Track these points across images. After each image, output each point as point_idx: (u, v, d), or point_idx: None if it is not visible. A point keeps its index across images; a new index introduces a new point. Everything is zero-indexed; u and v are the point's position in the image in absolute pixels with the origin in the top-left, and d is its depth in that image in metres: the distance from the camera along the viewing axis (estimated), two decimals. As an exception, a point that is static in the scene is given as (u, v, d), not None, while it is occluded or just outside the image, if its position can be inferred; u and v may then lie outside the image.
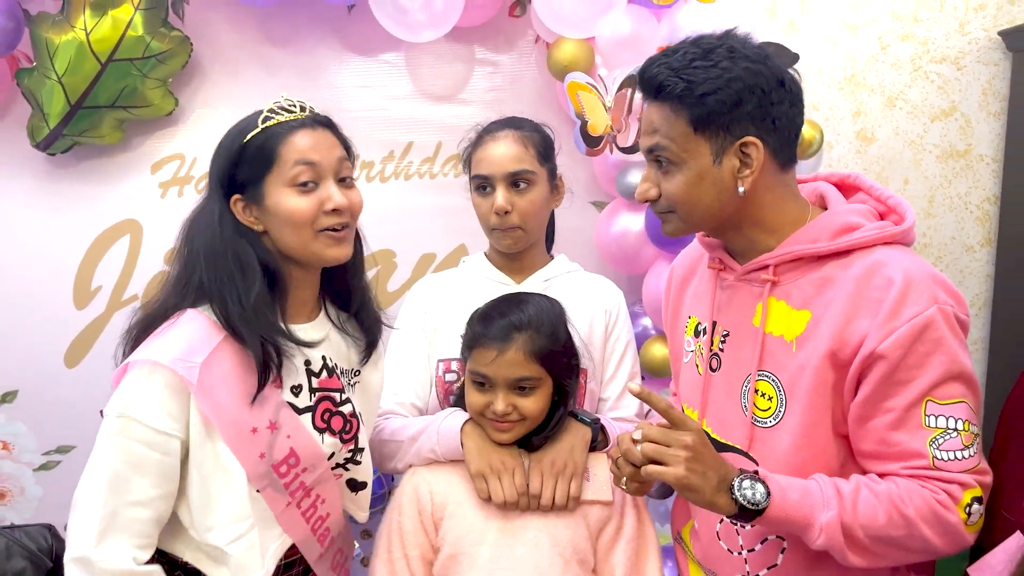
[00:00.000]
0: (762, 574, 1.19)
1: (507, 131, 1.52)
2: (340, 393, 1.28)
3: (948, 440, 1.04)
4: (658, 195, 1.16)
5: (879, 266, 1.08)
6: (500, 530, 1.30)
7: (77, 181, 2.06)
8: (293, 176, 1.18)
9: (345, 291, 1.33)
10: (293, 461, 1.20)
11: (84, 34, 1.85)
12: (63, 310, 2.07)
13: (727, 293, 1.23)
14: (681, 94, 1.10)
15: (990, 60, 2.34)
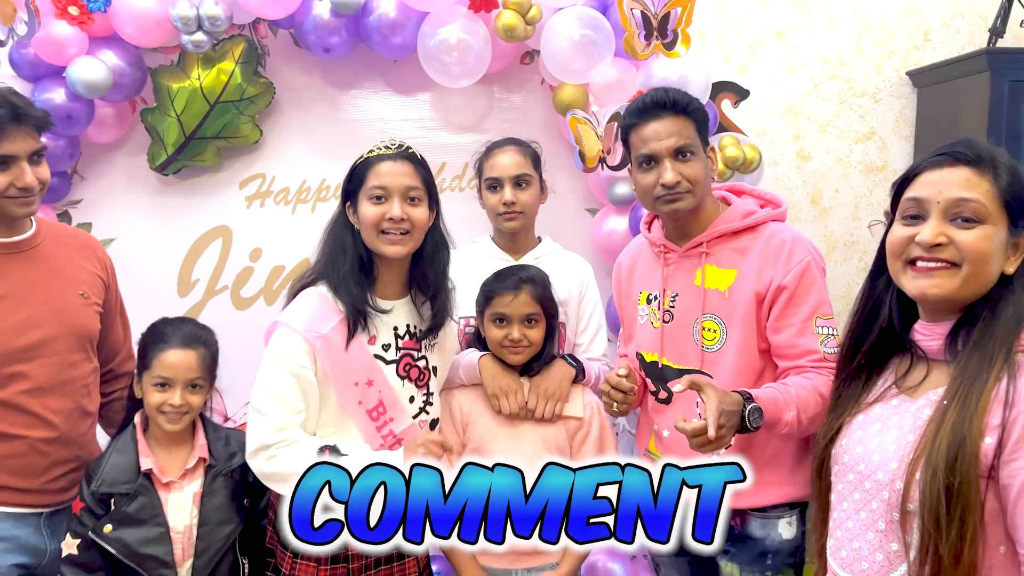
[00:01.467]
0: (723, 451, 1.60)
1: (511, 146, 2.06)
2: (418, 352, 1.74)
3: (829, 341, 1.57)
4: (682, 179, 1.62)
5: (775, 234, 1.64)
6: (507, 432, 1.82)
7: (181, 195, 2.57)
8: (371, 192, 1.67)
9: (425, 281, 1.77)
10: (381, 410, 1.66)
11: (198, 82, 2.40)
12: (169, 298, 2.55)
13: (672, 268, 1.73)
14: (691, 109, 1.63)
15: (901, 94, 2.92)
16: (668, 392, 1.71)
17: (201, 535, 1.67)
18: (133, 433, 1.74)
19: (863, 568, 1.20)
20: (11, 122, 1.62)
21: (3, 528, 1.71)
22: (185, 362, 1.71)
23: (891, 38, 2.89)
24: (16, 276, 1.72)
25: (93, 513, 1.64)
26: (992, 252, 1.14)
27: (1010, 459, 1.06)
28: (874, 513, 1.18)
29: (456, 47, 2.27)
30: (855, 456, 1.23)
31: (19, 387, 1.70)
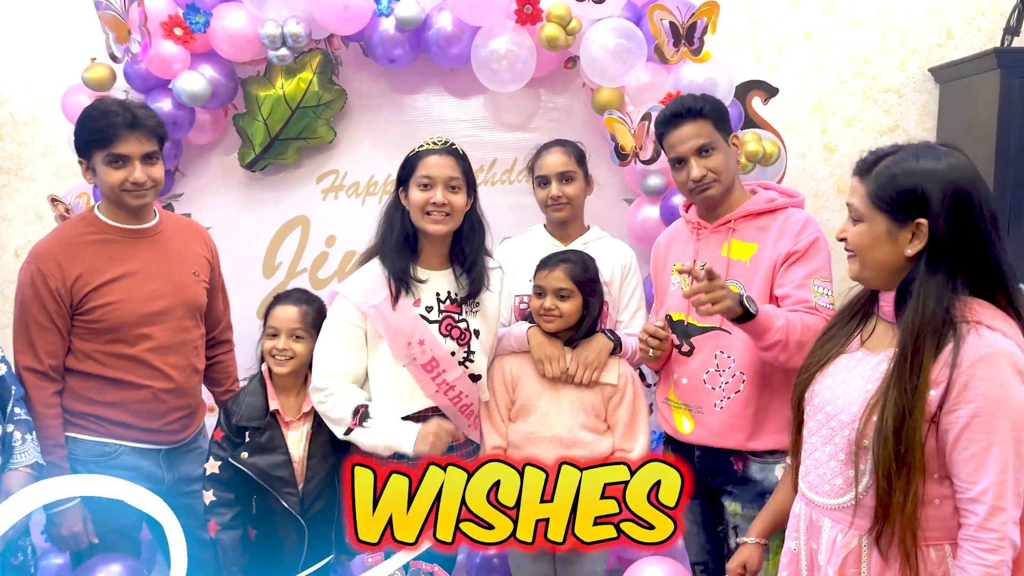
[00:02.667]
0: (733, 396, 1.93)
1: (556, 147, 2.34)
2: (458, 315, 2.05)
3: (823, 297, 1.85)
4: (707, 172, 1.92)
5: (791, 215, 1.95)
6: (550, 394, 2.10)
7: (266, 189, 2.93)
8: (419, 180, 1.99)
9: (463, 255, 2.09)
10: (435, 363, 1.99)
11: (281, 90, 2.75)
12: (256, 279, 2.92)
13: (703, 242, 2.02)
14: (705, 111, 1.93)
15: (923, 89, 3.09)
16: (690, 346, 1.99)
17: (310, 466, 2.03)
18: (262, 380, 2.09)
19: (825, 490, 1.45)
20: (126, 127, 1.98)
21: (131, 460, 2.10)
22: (288, 315, 2.08)
23: (914, 36, 3.07)
24: (144, 256, 2.10)
25: (232, 441, 2.01)
26: (868, 244, 1.39)
27: (951, 409, 1.29)
28: (836, 447, 1.42)
29: (505, 56, 2.57)
30: (824, 399, 1.47)
31: (146, 346, 2.07)
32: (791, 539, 1.56)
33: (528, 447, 2.09)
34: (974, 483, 1.29)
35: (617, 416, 2.11)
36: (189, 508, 2.20)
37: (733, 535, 1.97)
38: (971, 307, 1.33)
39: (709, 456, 1.99)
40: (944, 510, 1.35)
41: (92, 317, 2.03)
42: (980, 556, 1.28)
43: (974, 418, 1.28)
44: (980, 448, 1.28)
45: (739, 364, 1.93)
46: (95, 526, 2.06)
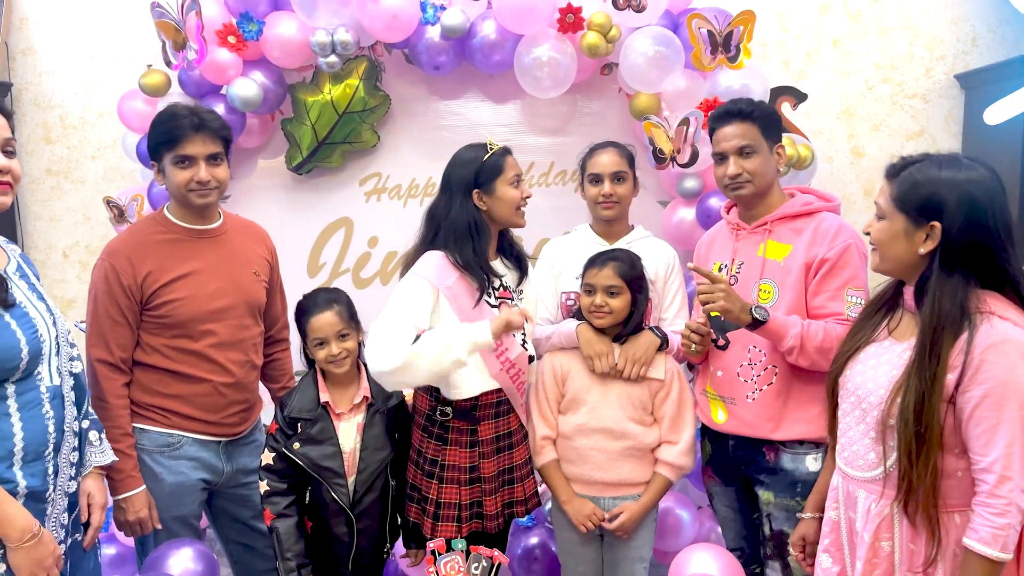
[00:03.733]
0: (765, 388, 2.02)
1: (611, 147, 2.42)
2: (511, 300, 2.17)
3: (855, 307, 1.91)
4: (743, 171, 2.01)
5: (824, 219, 2.02)
6: (599, 388, 2.17)
7: (311, 191, 3.02)
8: (511, 179, 2.10)
9: (509, 245, 2.23)
10: (500, 342, 2.06)
11: (329, 96, 2.85)
12: (300, 278, 3.02)
13: (741, 242, 2.11)
14: (756, 115, 2.02)
15: (949, 95, 3.18)
16: (727, 340, 2.09)
17: (362, 457, 2.09)
18: (314, 375, 2.15)
19: (859, 464, 1.63)
20: (192, 129, 2.08)
21: (193, 450, 2.19)
22: (328, 321, 2.09)
23: (940, 44, 3.15)
24: (209, 256, 2.19)
25: (285, 433, 2.08)
26: (885, 239, 1.56)
27: (965, 390, 1.46)
28: (868, 426, 1.60)
29: (547, 64, 2.66)
30: (855, 383, 1.64)
31: (209, 341, 2.16)
32: (831, 509, 1.73)
33: (579, 438, 2.17)
34: (985, 455, 1.46)
35: (664, 410, 2.19)
36: (246, 498, 2.30)
37: (767, 523, 2.06)
38: (984, 300, 1.50)
39: (743, 445, 2.09)
40: (965, 480, 1.51)
41: (160, 312, 2.12)
42: (990, 519, 1.45)
43: (985, 398, 1.45)
44: (990, 424, 1.45)
45: (770, 358, 2.02)
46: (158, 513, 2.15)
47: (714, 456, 2.21)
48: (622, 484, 2.17)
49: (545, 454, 2.20)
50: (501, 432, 2.16)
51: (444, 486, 2.11)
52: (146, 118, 2.40)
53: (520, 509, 2.21)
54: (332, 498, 2.07)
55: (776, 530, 2.04)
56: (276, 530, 2.07)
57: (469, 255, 2.07)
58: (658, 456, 2.20)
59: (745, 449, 2.08)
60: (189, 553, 1.98)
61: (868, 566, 1.59)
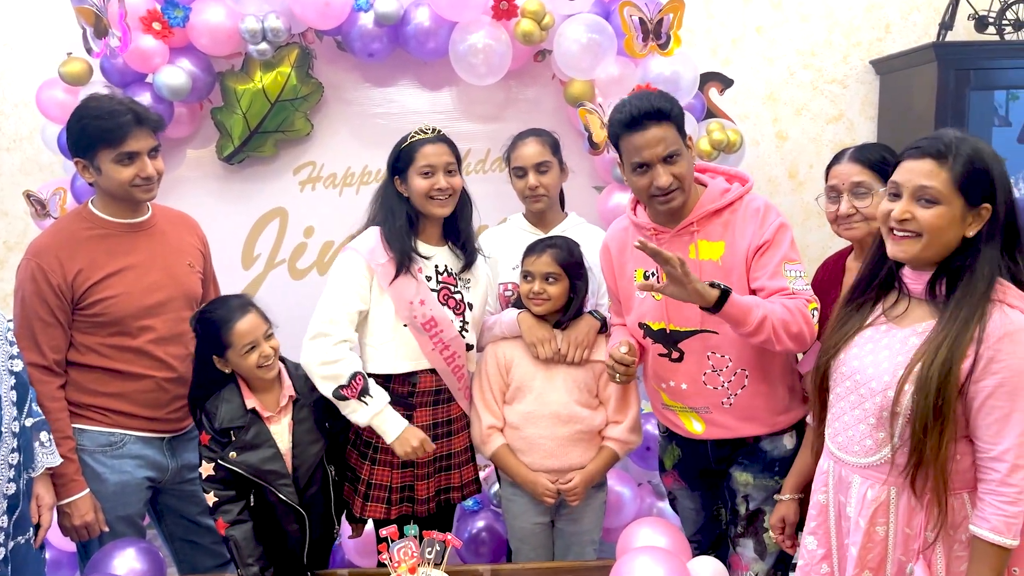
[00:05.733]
0: (739, 392, 1.96)
1: (532, 137, 2.46)
2: (454, 287, 2.19)
3: (797, 280, 1.86)
4: (674, 180, 1.85)
5: (750, 203, 1.94)
6: (544, 374, 2.21)
7: (244, 181, 2.95)
8: (421, 169, 2.12)
9: (456, 233, 2.24)
10: (434, 323, 2.11)
11: (260, 84, 2.79)
12: (234, 270, 2.94)
13: (665, 247, 1.81)
14: (672, 115, 1.86)
15: (865, 81, 3.31)
16: (680, 352, 1.98)
17: (296, 454, 2.07)
18: (235, 384, 2.07)
19: (855, 450, 1.59)
20: (135, 124, 2.02)
21: (136, 448, 2.15)
22: (254, 323, 2.03)
23: (856, 31, 3.28)
24: (141, 250, 2.14)
25: (219, 442, 2.03)
26: (944, 226, 1.47)
27: (978, 379, 1.44)
28: (866, 412, 1.56)
29: (482, 51, 2.67)
30: (852, 368, 1.60)
31: (147, 337, 2.12)
32: (820, 493, 1.70)
33: (527, 426, 2.21)
34: (996, 443, 1.44)
35: (608, 391, 2.24)
36: (192, 494, 2.27)
37: (744, 503, 2.04)
38: (999, 285, 1.47)
39: (724, 445, 2.05)
40: (963, 464, 1.50)
41: (94, 311, 2.07)
42: (1001, 507, 1.44)
43: (999, 388, 1.43)
44: (1003, 414, 1.43)
45: (737, 362, 1.94)
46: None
47: (684, 461, 2.16)
48: (572, 470, 2.21)
49: (493, 441, 2.23)
50: (439, 420, 2.19)
51: (376, 467, 2.15)
52: (67, 108, 2.30)
53: (456, 495, 2.25)
54: (280, 499, 2.04)
55: (752, 509, 2.03)
56: (233, 538, 2.02)
57: (388, 234, 2.13)
58: (605, 434, 2.25)
59: (727, 446, 2.05)
60: (133, 552, 1.94)
61: (863, 551, 1.57)
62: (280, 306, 2.18)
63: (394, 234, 2.13)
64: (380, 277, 2.11)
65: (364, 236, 2.17)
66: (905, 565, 1.55)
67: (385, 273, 2.11)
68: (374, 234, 2.16)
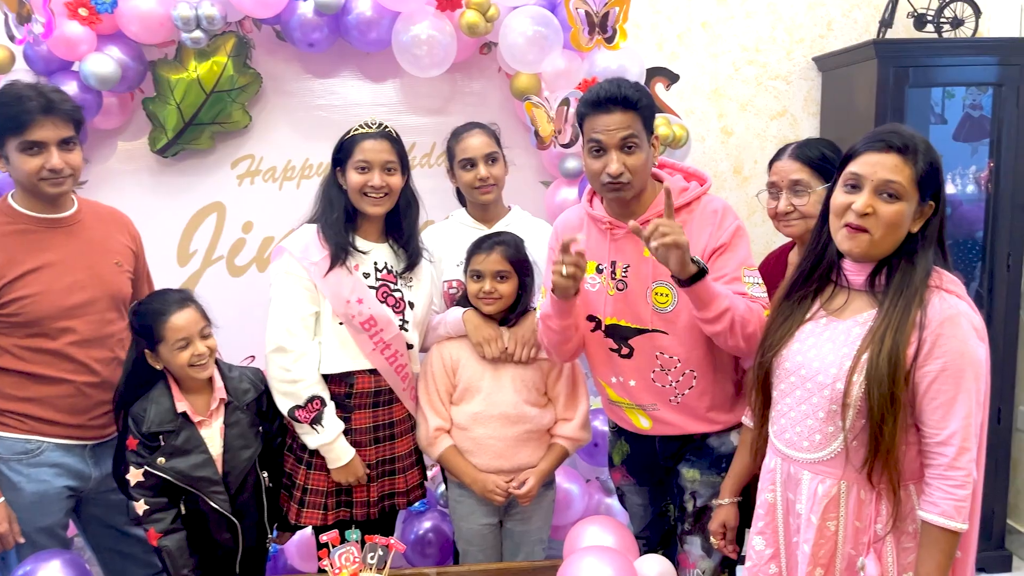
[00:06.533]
0: (687, 392, 1.93)
1: (477, 128, 2.41)
2: (393, 284, 2.13)
3: (755, 287, 1.85)
4: (625, 170, 1.79)
5: (708, 204, 1.91)
6: (491, 374, 2.17)
7: (179, 175, 2.84)
8: (356, 164, 2.07)
9: (399, 230, 2.18)
10: (373, 322, 2.06)
11: (194, 74, 2.69)
12: (170, 268, 2.83)
13: (619, 243, 1.90)
14: (641, 105, 1.81)
15: (808, 77, 3.35)
16: (630, 348, 1.94)
17: (227, 460, 1.99)
18: (166, 385, 2.00)
19: (804, 446, 1.57)
20: (41, 112, 1.92)
21: (55, 456, 2.05)
22: (191, 318, 1.96)
23: (799, 28, 3.31)
24: (63, 247, 2.03)
25: (148, 447, 1.95)
26: (902, 223, 1.48)
27: (922, 365, 1.45)
28: (814, 406, 1.55)
29: (426, 42, 2.61)
30: (796, 363, 1.59)
31: (68, 339, 2.01)
32: (767, 491, 1.68)
33: (476, 427, 2.17)
34: (942, 428, 1.44)
35: (558, 389, 2.21)
36: (118, 504, 2.17)
37: (691, 500, 2.02)
38: (935, 272, 1.49)
39: (672, 441, 2.03)
40: (909, 454, 1.50)
41: (10, 311, 1.96)
42: (950, 491, 1.43)
43: (942, 372, 1.44)
44: (948, 397, 1.43)
45: (686, 363, 1.91)
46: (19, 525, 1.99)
47: (633, 456, 2.13)
48: (522, 469, 2.18)
49: (440, 443, 2.18)
50: (381, 422, 2.13)
51: (312, 472, 2.09)
52: (-14, 97, 2.18)
53: (401, 500, 2.20)
54: (211, 507, 1.97)
55: (700, 506, 2.01)
56: (165, 548, 1.94)
57: (325, 226, 2.08)
58: (555, 432, 2.23)
59: (675, 443, 2.03)
60: (59, 564, 1.84)
61: (816, 548, 1.55)
62: (218, 304, 2.10)
63: (330, 227, 2.08)
64: (315, 275, 2.04)
65: (297, 234, 2.12)
66: (855, 559, 1.55)
67: (319, 271, 2.05)
68: (309, 231, 2.10)
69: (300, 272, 2.05)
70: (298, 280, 2.05)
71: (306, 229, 2.11)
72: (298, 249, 2.07)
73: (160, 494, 1.95)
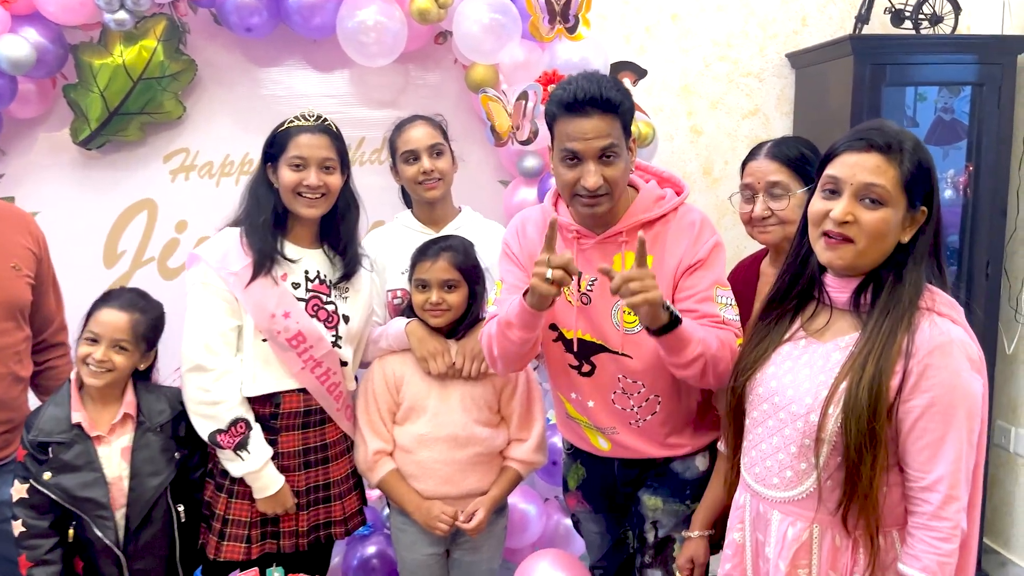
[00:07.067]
0: (648, 419, 1.77)
1: (420, 120, 2.22)
2: (326, 296, 1.94)
3: (727, 309, 1.67)
4: (604, 182, 1.59)
5: (684, 215, 1.73)
6: (438, 391, 1.98)
7: (106, 169, 2.63)
8: (290, 160, 1.88)
9: (336, 235, 1.99)
10: (301, 338, 1.87)
11: (120, 59, 2.47)
12: (95, 269, 2.63)
13: (586, 253, 1.72)
14: (622, 109, 1.59)
15: (781, 74, 3.20)
16: (592, 365, 1.77)
17: (132, 486, 1.79)
18: (68, 388, 1.83)
19: (774, 483, 1.39)
20: None
21: None
22: (114, 322, 1.80)
23: (772, 23, 3.17)
24: (-49, 248, 1.81)
25: (36, 459, 1.75)
26: (887, 231, 1.30)
27: (907, 399, 1.27)
28: (786, 439, 1.37)
29: (373, 28, 2.42)
30: (769, 389, 1.41)
31: None
32: (735, 531, 1.51)
33: (421, 450, 1.98)
34: (928, 472, 1.27)
35: (512, 407, 2.04)
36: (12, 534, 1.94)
37: (652, 530, 1.85)
38: (927, 292, 1.31)
39: (631, 465, 1.87)
40: (892, 497, 1.33)
41: None
42: (934, 545, 1.27)
43: (930, 407, 1.26)
44: (935, 437, 1.26)
45: (650, 388, 1.76)
46: None
47: (589, 480, 1.95)
48: (470, 496, 2.00)
49: (381, 467, 1.99)
50: (313, 444, 1.94)
51: (234, 501, 1.88)
52: None
53: (338, 530, 2.00)
54: (97, 536, 1.76)
55: (661, 537, 1.84)
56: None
57: (250, 229, 1.89)
58: (507, 454, 2.06)
59: (635, 468, 1.87)
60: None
61: None
62: None
63: (256, 231, 1.88)
64: (234, 286, 1.84)
65: (216, 239, 1.92)
66: None
67: (240, 281, 1.85)
68: (229, 237, 1.91)
69: (217, 283, 1.86)
70: (216, 291, 1.86)
71: (227, 234, 1.92)
72: (215, 257, 1.87)
73: (45, 516, 1.76)
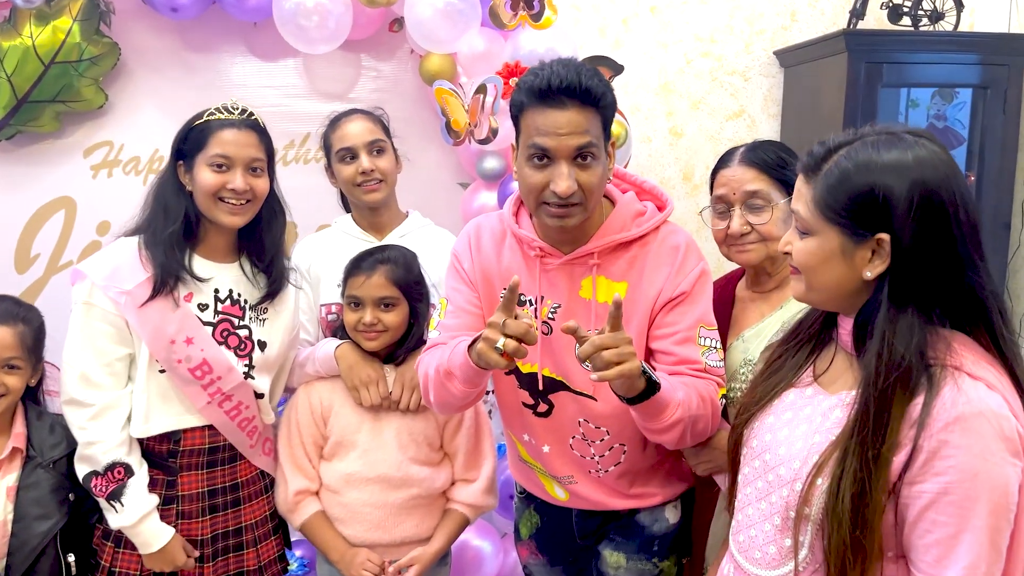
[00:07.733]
0: (611, 469, 1.54)
1: (358, 114, 1.96)
2: (239, 319, 1.67)
3: (711, 354, 1.44)
4: (578, 189, 1.35)
5: (666, 237, 1.48)
6: (370, 425, 1.74)
7: (18, 163, 2.36)
8: (212, 159, 1.61)
9: (260, 248, 1.72)
10: (207, 368, 1.61)
11: (30, 40, 2.20)
12: (6, 274, 2.37)
13: (551, 275, 1.48)
14: (604, 104, 1.35)
15: (769, 73, 2.98)
16: (549, 404, 1.53)
17: (15, 531, 1.57)
18: None
19: (756, 556, 1.15)
20: None
21: None
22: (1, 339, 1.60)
23: (760, 18, 2.94)
24: None
25: None
26: (816, 264, 1.09)
27: (914, 480, 1.00)
28: (772, 506, 1.13)
29: (314, 11, 2.18)
30: (763, 443, 1.17)
31: None
32: None
33: (349, 491, 1.73)
34: (937, 574, 1.00)
35: (456, 443, 1.79)
36: None
37: None
38: (951, 347, 1.02)
39: (591, 516, 1.63)
40: None
41: None
42: None
43: (943, 496, 0.98)
44: (947, 534, 0.98)
45: (616, 436, 1.52)
46: None
47: (545, 529, 1.71)
48: (405, 544, 1.75)
49: (303, 509, 1.74)
50: (220, 485, 1.67)
51: (121, 551, 1.62)
52: None
53: None
54: None
55: None
56: None
57: (151, 239, 1.61)
58: (452, 496, 1.81)
59: (596, 518, 1.63)
60: None
61: None
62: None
63: (159, 242, 1.60)
64: (126, 308, 1.58)
65: (106, 252, 1.65)
66: None
67: (133, 301, 1.58)
68: (123, 248, 1.64)
69: (104, 303, 1.59)
70: (100, 315, 1.59)
71: (121, 245, 1.65)
72: (102, 274, 1.60)
73: None
